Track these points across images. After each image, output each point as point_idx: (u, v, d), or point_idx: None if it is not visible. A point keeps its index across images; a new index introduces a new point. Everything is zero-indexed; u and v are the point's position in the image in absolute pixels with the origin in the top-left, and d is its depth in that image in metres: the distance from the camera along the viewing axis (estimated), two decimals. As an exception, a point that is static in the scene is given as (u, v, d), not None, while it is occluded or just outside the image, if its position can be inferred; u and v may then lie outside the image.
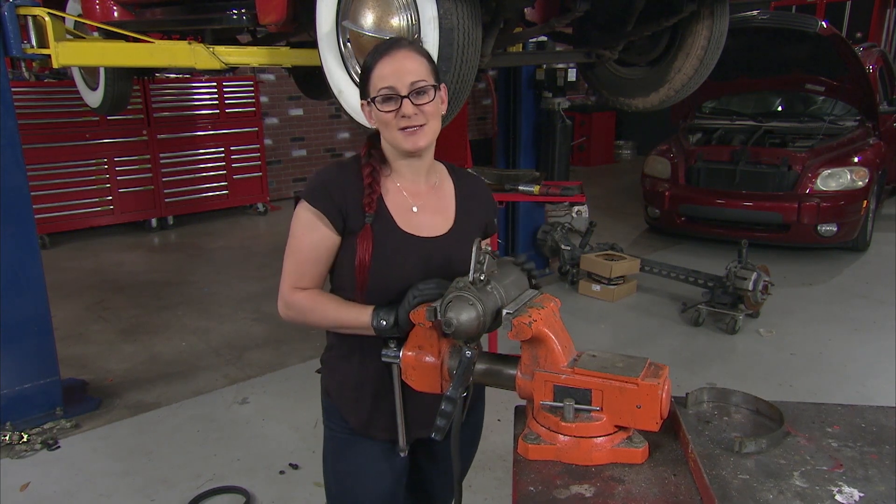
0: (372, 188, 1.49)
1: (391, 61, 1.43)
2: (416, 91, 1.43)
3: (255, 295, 5.25)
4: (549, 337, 1.28)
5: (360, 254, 1.47)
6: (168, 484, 2.94)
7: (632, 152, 11.59)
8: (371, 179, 1.49)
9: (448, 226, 1.57)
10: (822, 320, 4.67)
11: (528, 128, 5.57)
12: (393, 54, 1.44)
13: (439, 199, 1.58)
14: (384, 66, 1.43)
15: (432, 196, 1.57)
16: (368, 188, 1.49)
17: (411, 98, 1.42)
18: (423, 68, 1.45)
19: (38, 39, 3.08)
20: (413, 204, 1.54)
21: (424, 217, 1.55)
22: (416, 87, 1.43)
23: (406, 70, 1.42)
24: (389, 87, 1.42)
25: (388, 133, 1.47)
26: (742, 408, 1.47)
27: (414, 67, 1.43)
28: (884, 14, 9.08)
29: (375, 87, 1.44)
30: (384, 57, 1.44)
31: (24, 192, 3.21)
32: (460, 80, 2.45)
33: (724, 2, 3.24)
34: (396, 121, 1.44)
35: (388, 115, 1.44)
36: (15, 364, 3.29)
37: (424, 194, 1.56)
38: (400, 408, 1.55)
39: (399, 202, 1.53)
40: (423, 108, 1.44)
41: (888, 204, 7.49)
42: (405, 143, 1.46)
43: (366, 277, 1.48)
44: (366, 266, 1.47)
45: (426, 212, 1.55)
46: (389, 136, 1.47)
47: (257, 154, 7.77)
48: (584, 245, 5.46)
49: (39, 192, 6.07)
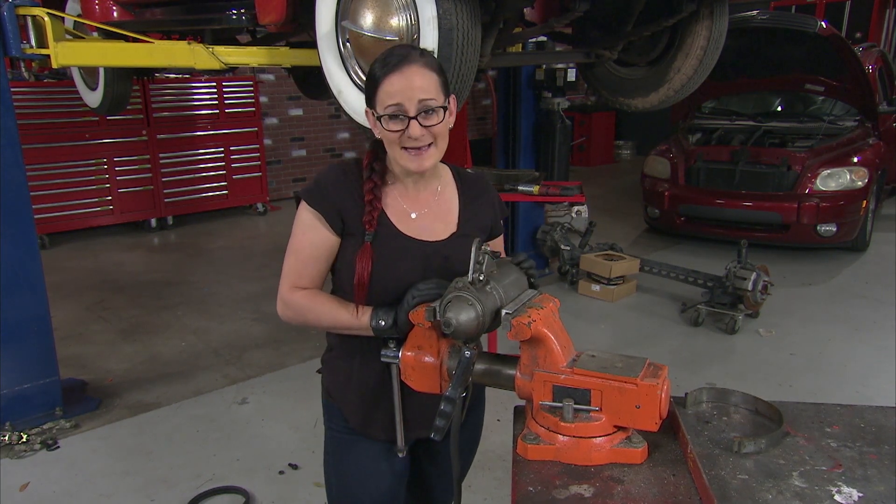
0: (373, 205, 1.47)
1: (401, 77, 1.38)
2: (424, 111, 1.39)
3: (254, 295, 5.25)
4: (548, 337, 1.28)
5: (360, 271, 1.46)
6: (168, 484, 2.94)
7: (631, 152, 11.59)
8: (372, 196, 1.47)
9: (449, 231, 1.56)
10: (821, 320, 4.67)
11: (528, 128, 5.57)
12: (403, 69, 1.38)
13: (440, 205, 1.57)
14: (393, 82, 1.38)
15: (433, 203, 1.56)
16: (369, 205, 1.47)
17: (419, 119, 1.39)
18: (433, 85, 1.40)
19: (38, 39, 3.08)
20: (412, 211, 1.53)
21: (424, 223, 1.53)
22: (424, 106, 1.39)
23: (415, 87, 1.38)
24: (397, 105, 1.38)
25: (393, 151, 1.45)
26: (741, 408, 1.47)
27: (423, 84, 1.39)
28: (883, 14, 9.09)
29: (382, 103, 1.40)
30: (394, 72, 1.39)
31: (23, 192, 3.21)
32: (460, 80, 2.45)
33: (723, 2, 3.24)
34: (402, 140, 1.41)
35: (394, 135, 1.41)
36: (15, 364, 3.29)
37: (425, 201, 1.55)
38: (399, 408, 1.55)
39: (399, 209, 1.52)
40: (431, 129, 1.41)
41: (888, 204, 7.49)
42: (410, 163, 1.44)
43: (364, 294, 1.47)
44: (364, 284, 1.46)
45: (425, 219, 1.54)
46: (395, 154, 1.45)
47: (257, 154, 7.77)
48: (584, 245, 5.46)
49: (39, 192, 6.07)
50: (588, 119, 10.84)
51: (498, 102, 5.92)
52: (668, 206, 6.29)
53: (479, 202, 1.62)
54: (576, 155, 10.73)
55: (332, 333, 1.62)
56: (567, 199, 4.65)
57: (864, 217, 5.90)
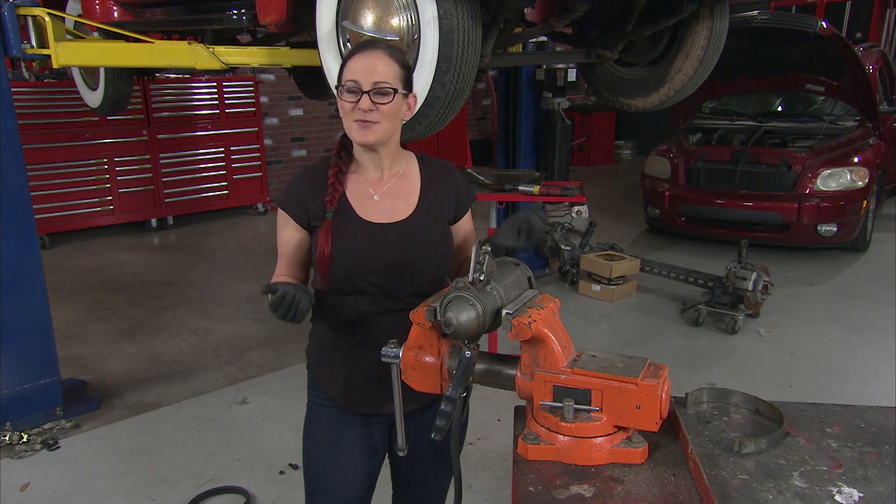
0: (334, 187, 1.59)
1: (363, 58, 1.52)
2: (377, 90, 1.50)
3: (254, 295, 5.24)
4: (548, 337, 1.28)
5: (321, 246, 1.57)
6: (168, 484, 2.94)
7: (632, 152, 11.59)
8: (335, 179, 1.59)
9: (410, 210, 1.63)
10: (822, 320, 4.67)
11: (528, 128, 5.57)
12: (368, 52, 1.53)
13: (402, 186, 1.66)
14: (357, 61, 1.53)
15: (395, 184, 1.65)
16: (331, 187, 1.59)
17: (371, 95, 1.50)
18: (391, 71, 1.53)
19: (38, 40, 3.08)
20: (374, 193, 1.63)
21: (385, 203, 1.63)
22: (378, 86, 1.50)
23: (374, 69, 1.51)
24: (354, 81, 1.51)
25: (345, 121, 1.56)
26: (742, 408, 1.47)
27: (382, 69, 1.51)
28: (884, 14, 9.08)
29: (344, 78, 1.54)
30: (359, 52, 1.54)
31: (24, 192, 3.21)
32: (460, 80, 2.45)
33: (724, 2, 3.24)
34: (354, 113, 1.52)
35: (347, 105, 1.53)
36: (15, 364, 3.29)
37: (385, 182, 1.64)
38: (399, 409, 1.55)
39: (360, 192, 1.63)
40: (380, 108, 1.51)
41: (888, 204, 7.49)
42: (356, 134, 1.55)
43: (327, 268, 1.58)
44: (326, 257, 1.57)
45: (387, 197, 1.63)
46: (346, 124, 1.56)
47: (257, 154, 7.77)
48: (584, 245, 5.46)
49: (39, 192, 6.07)
50: (588, 119, 10.84)
51: (498, 102, 5.92)
52: (668, 206, 6.29)
53: (441, 185, 1.70)
54: (576, 155, 10.73)
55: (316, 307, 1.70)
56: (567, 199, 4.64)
57: (865, 217, 5.91)
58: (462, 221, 1.73)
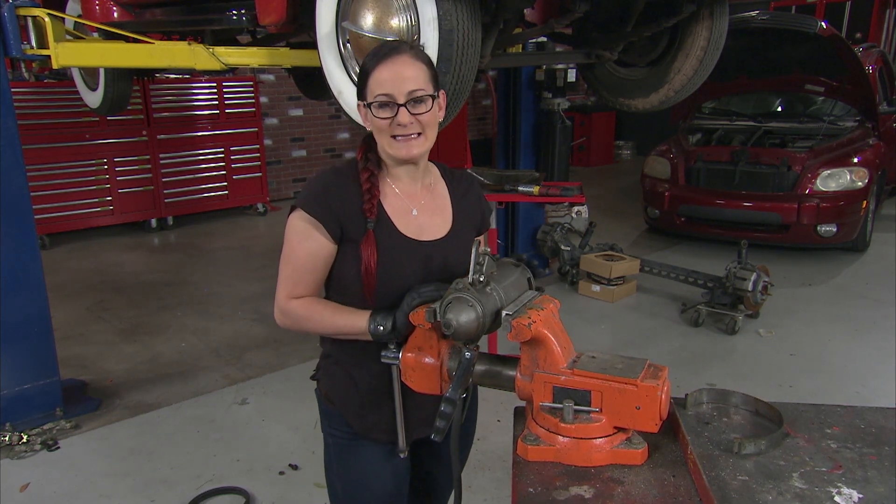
0: (371, 193, 1.47)
1: (390, 67, 1.41)
2: (413, 100, 1.41)
3: (254, 295, 5.25)
4: (548, 338, 1.28)
5: (366, 259, 1.45)
6: (168, 484, 2.94)
7: (631, 152, 11.59)
8: (370, 184, 1.48)
9: (447, 227, 1.57)
10: (821, 321, 4.67)
11: (528, 128, 5.57)
12: (393, 59, 1.41)
13: (435, 200, 1.59)
14: (383, 72, 1.41)
15: (428, 197, 1.57)
16: (367, 193, 1.47)
17: (408, 107, 1.41)
18: (422, 75, 1.43)
19: (38, 40, 3.08)
20: (412, 207, 1.54)
21: (424, 219, 1.54)
22: (413, 95, 1.41)
23: (405, 77, 1.40)
24: (387, 94, 1.41)
25: (382, 139, 1.46)
26: (741, 409, 1.47)
27: (413, 74, 1.41)
28: (884, 14, 9.09)
29: (372, 93, 1.43)
30: (384, 62, 1.41)
31: (24, 192, 3.21)
32: (460, 80, 2.45)
33: (723, 2, 3.24)
34: (391, 128, 1.43)
35: (383, 122, 1.43)
36: (15, 364, 3.29)
37: (421, 195, 1.56)
38: (399, 409, 1.55)
39: (398, 206, 1.52)
40: (419, 118, 1.43)
41: (888, 204, 7.49)
42: (399, 150, 1.45)
43: (373, 282, 1.46)
44: (372, 272, 1.45)
45: (425, 213, 1.55)
46: (384, 141, 1.46)
47: (257, 154, 7.77)
48: (584, 245, 5.46)
49: (39, 193, 6.07)
50: (588, 119, 10.84)
51: (498, 103, 5.92)
52: (668, 207, 6.29)
53: (468, 198, 1.65)
54: (576, 155, 10.73)
55: (328, 340, 1.61)
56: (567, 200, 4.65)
57: (865, 217, 5.90)
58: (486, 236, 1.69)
